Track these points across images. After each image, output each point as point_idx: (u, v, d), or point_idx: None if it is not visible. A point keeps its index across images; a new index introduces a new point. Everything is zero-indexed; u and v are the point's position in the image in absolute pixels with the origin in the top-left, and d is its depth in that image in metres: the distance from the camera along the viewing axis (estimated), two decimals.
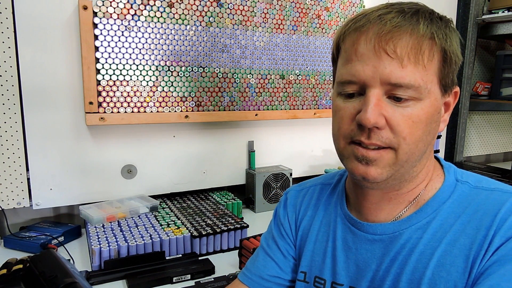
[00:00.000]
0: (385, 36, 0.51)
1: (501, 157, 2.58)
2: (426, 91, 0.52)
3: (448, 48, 0.53)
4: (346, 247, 0.63)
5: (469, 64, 2.06)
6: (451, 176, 0.60)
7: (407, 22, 0.51)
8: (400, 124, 0.51)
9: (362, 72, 0.52)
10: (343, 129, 0.55)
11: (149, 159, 1.36)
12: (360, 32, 0.53)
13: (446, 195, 0.57)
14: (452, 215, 0.55)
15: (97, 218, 1.15)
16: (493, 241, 0.50)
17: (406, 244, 0.56)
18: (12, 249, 1.12)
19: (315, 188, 0.74)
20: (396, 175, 0.55)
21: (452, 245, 0.53)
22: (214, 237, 1.13)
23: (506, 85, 2.09)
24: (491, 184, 0.57)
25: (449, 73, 0.55)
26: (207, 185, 1.48)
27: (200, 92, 1.36)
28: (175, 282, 0.96)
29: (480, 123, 2.34)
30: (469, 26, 2.02)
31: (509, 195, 0.54)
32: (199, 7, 1.31)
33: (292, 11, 1.49)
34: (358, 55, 0.53)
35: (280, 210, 0.76)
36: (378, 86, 0.51)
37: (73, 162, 1.25)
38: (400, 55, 0.50)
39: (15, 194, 1.21)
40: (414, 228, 0.57)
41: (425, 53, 0.51)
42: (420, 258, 0.54)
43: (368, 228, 0.60)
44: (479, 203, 0.54)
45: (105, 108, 1.21)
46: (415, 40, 0.51)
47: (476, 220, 0.53)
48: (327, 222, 0.67)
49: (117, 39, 1.20)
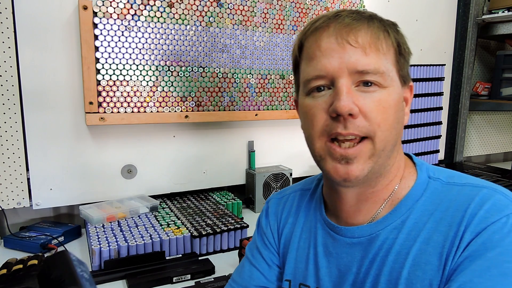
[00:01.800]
0: (345, 28, 0.54)
1: (501, 157, 2.58)
2: (389, 78, 0.55)
3: (400, 40, 0.57)
4: (327, 252, 0.63)
5: (469, 64, 2.06)
6: (423, 173, 0.60)
7: (362, 17, 0.56)
8: (373, 111, 0.53)
9: (329, 65, 0.54)
10: (318, 126, 0.55)
11: (149, 159, 1.36)
12: (322, 29, 0.56)
13: (419, 192, 0.58)
14: (426, 212, 0.56)
15: (97, 218, 1.15)
16: (464, 237, 0.50)
17: (383, 245, 0.57)
18: (12, 249, 1.12)
19: (295, 194, 0.74)
20: (375, 167, 0.55)
21: (426, 243, 0.53)
22: (214, 237, 1.13)
23: (506, 85, 2.09)
24: (463, 179, 0.58)
25: (404, 64, 0.58)
26: (207, 185, 1.48)
27: (200, 92, 1.36)
28: (175, 282, 0.96)
29: (480, 123, 2.34)
30: (469, 26, 2.02)
31: (479, 189, 0.54)
32: (199, 7, 1.31)
33: (292, 11, 1.49)
34: (323, 50, 0.55)
35: (262, 219, 0.76)
36: (346, 76, 0.53)
37: (73, 162, 1.25)
38: (362, 44, 0.53)
39: (15, 194, 1.21)
40: (389, 228, 0.57)
41: (383, 43, 0.55)
42: (396, 258, 0.55)
43: (346, 232, 0.61)
44: (451, 199, 0.55)
45: (105, 108, 1.21)
46: (372, 31, 0.54)
47: (448, 217, 0.53)
48: (308, 228, 0.68)
49: (117, 39, 1.20)
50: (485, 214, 0.50)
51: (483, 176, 1.76)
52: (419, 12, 1.88)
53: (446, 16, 1.97)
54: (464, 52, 2.05)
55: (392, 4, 1.79)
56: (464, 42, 2.04)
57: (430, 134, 1.89)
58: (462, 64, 2.07)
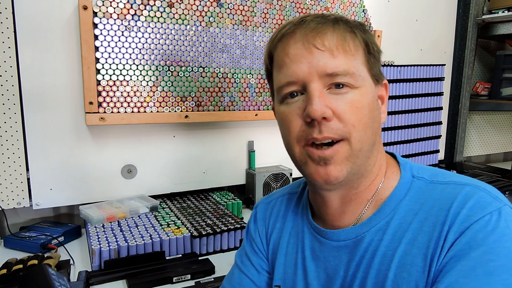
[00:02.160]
0: (311, 33, 0.54)
1: (501, 157, 2.58)
2: (360, 78, 0.55)
3: (368, 40, 0.57)
4: (314, 256, 0.63)
5: (469, 64, 2.06)
6: (407, 172, 0.59)
7: (327, 20, 0.56)
8: (346, 112, 0.53)
9: (299, 70, 0.54)
10: (295, 132, 0.56)
11: (149, 159, 1.36)
12: (288, 36, 0.56)
13: (403, 192, 0.57)
14: (410, 212, 0.55)
15: (97, 218, 1.15)
16: (448, 237, 0.49)
17: (368, 248, 0.56)
18: (12, 249, 1.12)
19: (282, 198, 0.74)
20: (355, 168, 0.55)
21: (411, 244, 0.53)
22: (214, 237, 1.13)
23: (506, 85, 2.09)
24: (446, 177, 0.57)
25: (375, 63, 0.58)
26: (207, 185, 1.48)
27: (200, 92, 1.36)
28: (175, 282, 0.96)
29: (480, 123, 2.34)
30: (469, 26, 2.02)
31: (462, 186, 0.53)
32: (199, 7, 1.31)
33: (292, 11, 1.49)
34: (291, 57, 0.55)
35: (251, 225, 0.76)
36: (317, 80, 0.53)
37: (73, 162, 1.25)
38: (329, 47, 0.53)
39: (15, 194, 1.21)
40: (374, 230, 0.57)
41: (350, 44, 0.55)
42: (382, 260, 0.54)
43: (332, 235, 0.60)
44: (435, 198, 0.54)
45: (105, 108, 1.21)
46: (338, 33, 0.55)
47: (432, 216, 0.53)
48: (295, 233, 0.67)
49: (117, 39, 1.20)
50: (468, 212, 0.50)
51: (483, 176, 1.77)
52: (419, 12, 1.88)
53: (446, 16, 1.97)
54: (464, 52, 2.05)
55: (392, 4, 1.79)
56: (464, 42, 2.04)
57: (430, 134, 1.89)
58: (462, 64, 2.07)
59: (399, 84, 1.75)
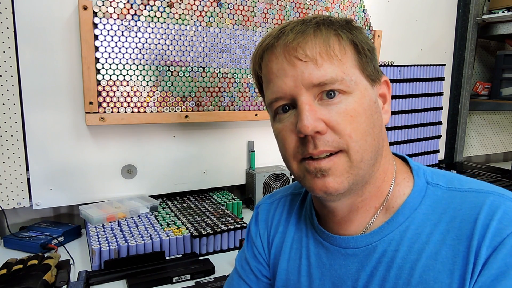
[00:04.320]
0: (292, 44, 0.51)
1: (501, 157, 2.58)
2: (352, 83, 0.51)
3: (355, 39, 0.53)
4: (320, 263, 0.60)
5: (469, 64, 2.06)
6: (420, 179, 0.56)
7: (307, 27, 0.52)
8: (340, 122, 0.50)
9: (284, 85, 0.52)
10: (290, 148, 0.53)
11: (149, 159, 1.36)
12: (269, 50, 0.54)
13: (417, 200, 0.54)
14: (428, 222, 0.52)
15: (97, 218, 1.15)
16: (480, 253, 0.46)
17: (382, 259, 0.53)
18: (12, 249, 1.12)
19: (285, 199, 0.70)
20: (357, 179, 0.52)
21: (434, 258, 0.49)
22: (214, 237, 1.13)
23: (506, 85, 2.09)
24: (464, 183, 0.54)
25: (367, 62, 0.54)
26: (207, 185, 1.48)
27: (200, 92, 1.36)
28: (175, 282, 0.96)
29: (480, 123, 2.34)
30: (469, 26, 2.02)
31: (485, 195, 0.50)
32: (199, 7, 1.31)
33: (292, 11, 1.49)
34: (275, 72, 0.53)
35: (252, 226, 0.72)
36: (305, 92, 0.51)
37: (73, 162, 1.25)
38: (312, 56, 0.50)
39: (15, 194, 1.21)
40: (387, 239, 0.53)
41: (335, 48, 0.51)
42: (399, 273, 0.51)
43: (341, 242, 0.57)
44: (455, 208, 0.51)
45: (105, 108, 1.21)
46: (320, 39, 0.51)
47: (455, 228, 0.49)
48: (298, 238, 0.64)
49: (117, 39, 1.20)
50: (498, 225, 0.46)
51: (483, 176, 1.76)
52: (419, 12, 1.88)
53: (446, 16, 1.97)
54: (464, 52, 2.05)
55: (392, 4, 1.79)
56: (464, 42, 2.04)
57: (430, 134, 1.89)
58: (462, 64, 2.07)
59: (399, 84, 1.75)
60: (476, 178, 1.76)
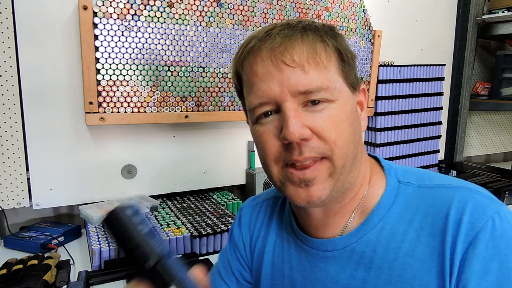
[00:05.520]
0: (279, 48, 0.50)
1: (501, 157, 2.58)
2: (336, 91, 0.51)
3: (340, 46, 0.53)
4: (301, 267, 0.60)
5: (469, 64, 2.06)
6: (392, 178, 0.57)
7: (294, 31, 0.51)
8: (325, 129, 0.50)
9: (270, 90, 0.51)
10: (272, 153, 0.52)
11: (149, 159, 1.36)
12: (254, 52, 0.52)
13: (390, 200, 0.55)
14: (402, 221, 0.53)
15: (97, 218, 1.15)
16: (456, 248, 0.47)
17: (360, 261, 0.54)
18: (12, 249, 1.12)
19: (268, 202, 0.70)
20: (338, 185, 0.52)
21: (411, 256, 0.50)
22: (214, 237, 1.13)
23: (506, 85, 2.09)
24: (433, 179, 0.55)
25: (350, 70, 0.54)
26: (207, 185, 1.48)
27: (200, 92, 1.36)
28: None
29: (480, 123, 2.34)
30: (469, 26, 2.02)
31: (454, 190, 0.51)
32: (199, 7, 1.31)
33: (292, 11, 1.49)
34: (260, 76, 0.51)
35: (235, 228, 0.72)
36: (290, 98, 0.50)
37: (73, 162, 1.25)
38: (299, 62, 0.50)
39: (15, 194, 1.21)
40: (364, 240, 0.54)
41: (322, 55, 0.51)
42: (378, 274, 0.52)
43: (320, 245, 0.58)
44: (427, 205, 0.52)
45: (105, 108, 1.21)
46: (307, 45, 0.50)
47: (428, 225, 0.50)
48: (280, 242, 0.65)
49: (117, 39, 1.20)
50: (470, 219, 0.48)
51: (483, 176, 1.77)
52: (419, 12, 1.88)
53: (446, 16, 1.97)
54: (464, 52, 2.05)
55: (392, 4, 1.79)
56: (464, 42, 2.04)
57: (430, 134, 1.89)
58: (462, 64, 2.07)
59: (399, 84, 1.76)
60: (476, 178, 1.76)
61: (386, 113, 1.73)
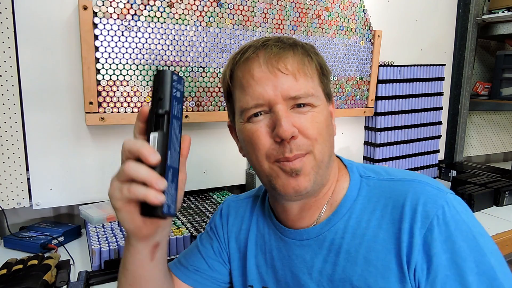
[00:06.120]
0: (275, 57, 0.59)
1: (501, 157, 2.58)
2: (318, 98, 0.61)
3: (321, 62, 0.64)
4: (281, 255, 0.68)
5: (469, 64, 2.06)
6: (355, 174, 0.66)
7: (286, 45, 0.61)
8: (309, 128, 0.58)
9: (265, 93, 0.58)
10: (265, 148, 0.59)
11: None
12: (252, 59, 0.60)
13: (355, 193, 0.63)
14: (366, 211, 0.61)
15: (97, 218, 1.15)
16: (414, 234, 0.55)
17: (331, 247, 0.62)
18: (12, 249, 1.12)
19: (248, 200, 0.78)
20: (318, 178, 0.60)
21: (374, 241, 0.58)
22: None
23: (506, 85, 2.09)
24: (390, 173, 0.64)
25: (327, 83, 0.64)
26: (207, 185, 1.48)
27: (200, 92, 1.36)
28: None
29: (480, 123, 2.34)
30: (469, 26, 2.02)
31: (409, 183, 0.60)
32: (199, 7, 1.31)
33: (292, 11, 1.49)
34: (256, 79, 0.59)
35: (216, 218, 0.80)
36: (282, 101, 0.58)
37: (73, 162, 1.25)
38: (292, 71, 0.58)
39: (15, 194, 1.21)
40: (334, 229, 0.62)
41: (309, 67, 0.60)
42: (347, 257, 0.60)
43: (296, 235, 0.66)
44: (386, 196, 0.60)
45: (105, 108, 1.21)
46: (298, 57, 0.60)
47: (388, 214, 0.59)
48: (261, 235, 0.72)
49: (117, 39, 1.20)
50: (424, 208, 0.55)
51: (483, 176, 1.76)
52: (419, 12, 1.88)
53: (446, 16, 1.97)
54: (464, 52, 2.05)
55: (392, 4, 1.79)
56: (464, 42, 2.04)
57: (430, 134, 1.89)
58: (462, 64, 2.07)
59: (399, 84, 1.76)
60: (476, 178, 1.77)
61: (386, 113, 1.73)
